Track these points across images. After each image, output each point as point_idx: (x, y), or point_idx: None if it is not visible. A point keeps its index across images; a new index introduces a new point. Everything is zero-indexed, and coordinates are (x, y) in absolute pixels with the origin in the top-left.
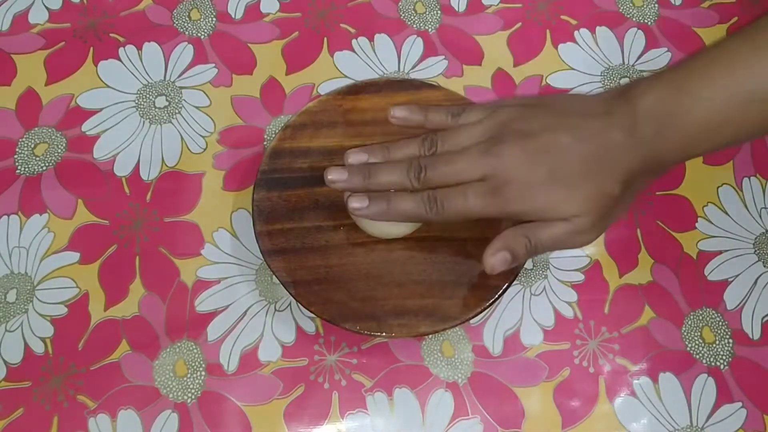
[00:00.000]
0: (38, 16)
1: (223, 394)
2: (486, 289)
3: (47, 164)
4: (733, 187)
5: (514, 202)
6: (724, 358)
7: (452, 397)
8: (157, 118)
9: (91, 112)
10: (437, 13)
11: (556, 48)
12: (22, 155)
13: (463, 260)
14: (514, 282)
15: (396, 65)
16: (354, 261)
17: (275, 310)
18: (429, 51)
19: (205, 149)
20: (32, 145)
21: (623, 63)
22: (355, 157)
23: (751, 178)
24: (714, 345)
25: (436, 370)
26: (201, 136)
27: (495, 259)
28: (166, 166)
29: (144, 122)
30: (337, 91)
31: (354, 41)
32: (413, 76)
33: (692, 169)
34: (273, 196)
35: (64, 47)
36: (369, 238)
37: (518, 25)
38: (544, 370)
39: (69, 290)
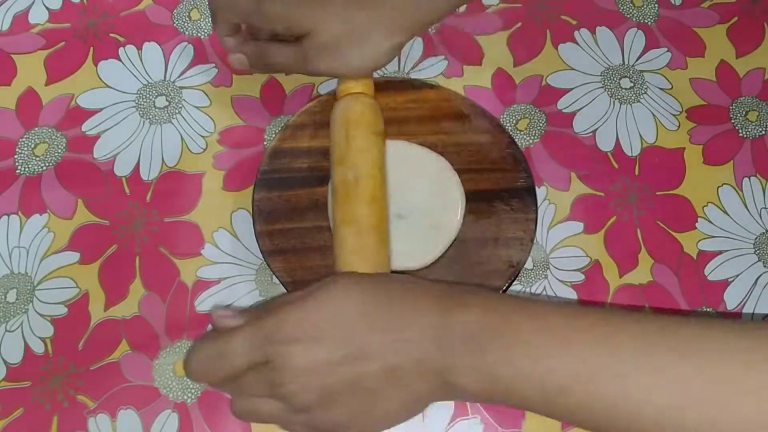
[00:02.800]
0: (38, 16)
1: (224, 394)
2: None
3: (47, 164)
4: (734, 187)
5: None
6: None
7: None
8: (157, 118)
9: (91, 112)
10: None
11: (556, 48)
12: (22, 155)
13: (463, 260)
14: (515, 282)
15: (396, 65)
16: None
17: None
18: (429, 51)
19: (205, 149)
20: (32, 145)
21: (623, 63)
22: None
23: (751, 178)
24: None
25: None
26: (201, 136)
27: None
28: (166, 166)
29: (144, 122)
30: None
31: None
32: (413, 76)
33: (692, 169)
34: (273, 196)
35: (64, 47)
36: None
37: (518, 25)
38: None
39: (69, 290)
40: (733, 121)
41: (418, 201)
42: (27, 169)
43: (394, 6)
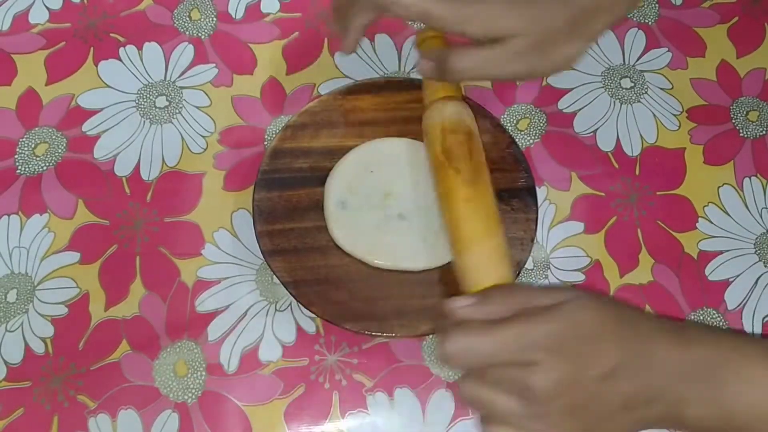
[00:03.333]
0: (38, 16)
1: (224, 394)
2: None
3: (47, 164)
4: (734, 187)
5: None
6: None
7: (453, 396)
8: (157, 118)
9: (92, 112)
10: None
11: None
12: (22, 155)
13: None
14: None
15: (396, 65)
16: (355, 261)
17: (275, 310)
18: None
19: (205, 149)
20: (33, 145)
21: (624, 63)
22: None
23: (752, 178)
24: None
25: (437, 370)
26: (201, 136)
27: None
28: (167, 166)
29: (144, 122)
30: (337, 91)
31: None
32: (414, 76)
33: (693, 169)
34: (273, 196)
35: (64, 47)
36: None
37: None
38: None
39: (69, 290)
40: (733, 121)
41: (430, 201)
42: (27, 169)
43: (587, 11)
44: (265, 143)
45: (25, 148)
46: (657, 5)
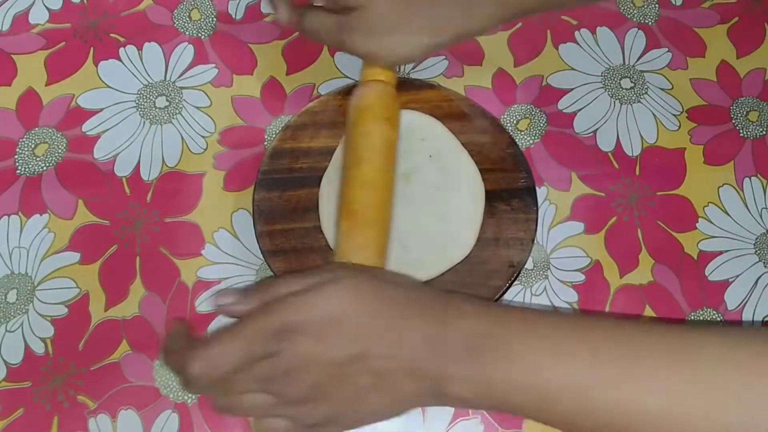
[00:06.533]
0: (39, 17)
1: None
2: (487, 290)
3: (47, 164)
4: (734, 188)
5: None
6: None
7: None
8: (157, 118)
9: (92, 113)
10: None
11: (557, 48)
12: (22, 155)
13: (464, 260)
14: (515, 282)
15: (396, 65)
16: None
17: None
18: None
19: (205, 149)
20: (33, 146)
21: (624, 63)
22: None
23: (752, 178)
24: None
25: None
26: (201, 136)
27: None
28: (167, 166)
29: (144, 122)
30: (337, 91)
31: None
32: (413, 76)
33: (693, 169)
34: (273, 196)
35: (64, 47)
36: None
37: (518, 25)
38: None
39: (69, 290)
40: (733, 121)
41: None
42: (27, 170)
43: (448, 9)
44: (265, 143)
45: (25, 149)
46: (657, 5)
